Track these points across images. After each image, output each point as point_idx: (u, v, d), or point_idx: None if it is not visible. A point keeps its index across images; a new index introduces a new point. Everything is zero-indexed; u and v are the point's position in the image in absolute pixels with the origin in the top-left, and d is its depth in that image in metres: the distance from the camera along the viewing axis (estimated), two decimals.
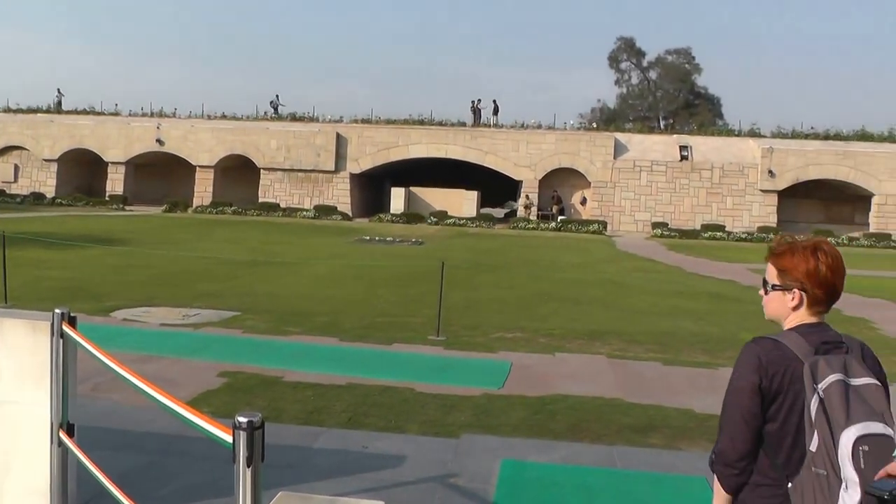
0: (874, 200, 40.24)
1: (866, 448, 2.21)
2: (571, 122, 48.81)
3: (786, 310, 2.60)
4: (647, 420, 7.03)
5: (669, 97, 69.24)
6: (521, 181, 41.44)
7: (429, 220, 39.34)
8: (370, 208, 43.30)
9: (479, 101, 45.69)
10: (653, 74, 69.84)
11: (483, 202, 42.52)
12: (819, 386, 2.33)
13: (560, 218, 39.77)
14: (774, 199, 40.02)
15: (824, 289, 2.57)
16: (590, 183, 40.82)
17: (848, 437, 2.23)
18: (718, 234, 37.61)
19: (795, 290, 2.57)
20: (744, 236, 37.59)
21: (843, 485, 2.22)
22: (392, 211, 41.26)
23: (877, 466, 2.16)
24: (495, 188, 42.52)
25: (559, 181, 41.33)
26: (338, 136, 42.63)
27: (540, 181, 41.23)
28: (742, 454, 2.46)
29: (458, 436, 6.35)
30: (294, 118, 45.95)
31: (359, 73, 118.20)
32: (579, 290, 15.60)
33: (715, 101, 69.96)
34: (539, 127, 43.84)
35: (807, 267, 2.54)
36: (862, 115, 73.82)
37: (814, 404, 2.32)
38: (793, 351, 2.45)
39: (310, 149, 42.59)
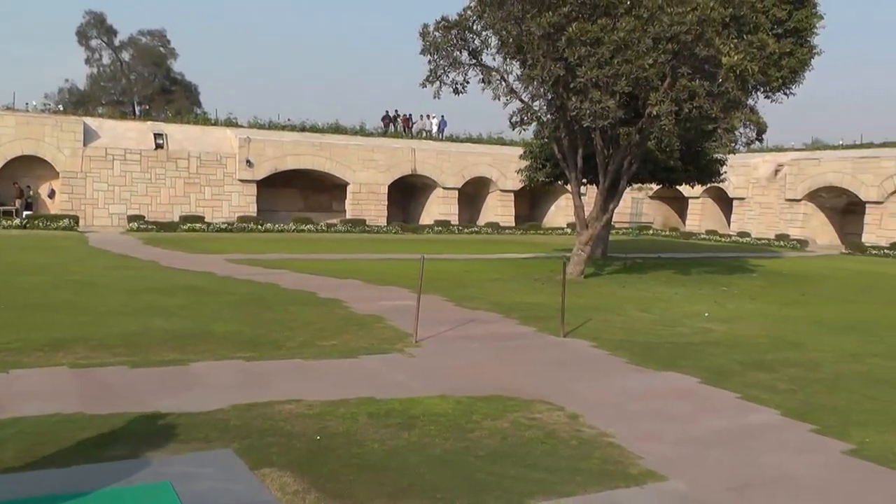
0: (349, 189, 43.95)
1: None
2: (35, 104, 44.29)
3: None
4: (109, 431, 6.77)
5: (144, 81, 67.48)
6: None
7: None
8: None
9: None
10: (126, 56, 67.32)
11: None
12: None
13: (25, 213, 35.80)
14: (253, 188, 41.25)
15: None
16: (58, 173, 37.61)
17: None
18: (198, 225, 37.48)
19: None
20: (224, 227, 38.16)
21: None
22: None
23: None
24: None
25: (23, 171, 37.26)
26: None
27: (0, 170, 36.81)
28: None
29: None
30: None
31: None
32: (42, 295, 14.46)
33: (192, 89, 69.89)
34: None
35: None
36: (335, 110, 79.19)
37: None
38: None
39: None
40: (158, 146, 39.44)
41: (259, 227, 39.07)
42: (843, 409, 8.66)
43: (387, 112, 49.68)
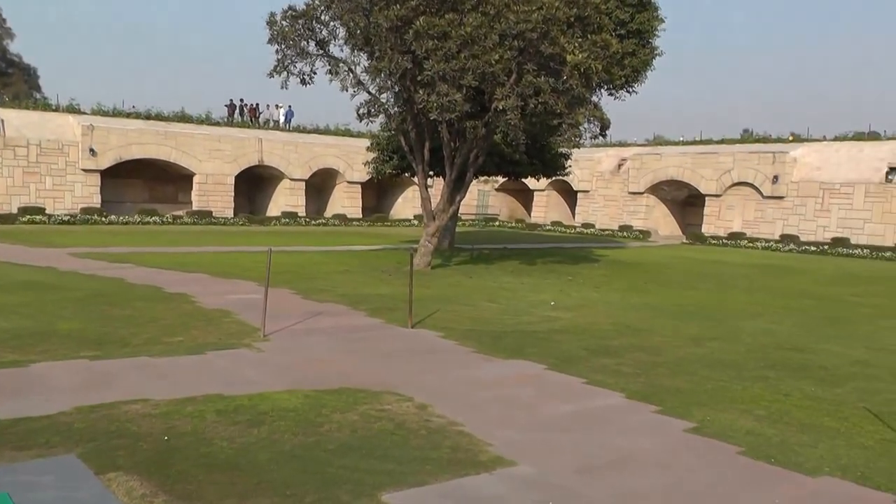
0: (195, 180, 42.73)
1: None
2: None
3: None
4: None
5: None
6: None
7: None
8: None
9: None
10: None
11: None
12: None
13: None
14: (97, 178, 39.52)
15: None
16: None
17: None
18: (38, 217, 35.88)
19: None
20: (66, 219, 36.56)
21: None
22: None
23: None
24: None
25: None
26: None
27: None
28: None
29: None
30: None
31: None
32: None
33: (31, 72, 66.60)
34: None
35: None
36: (181, 98, 76.48)
37: None
38: None
39: None
40: None
41: (103, 219, 37.69)
42: (684, 391, 9.22)
43: (231, 100, 48.39)
